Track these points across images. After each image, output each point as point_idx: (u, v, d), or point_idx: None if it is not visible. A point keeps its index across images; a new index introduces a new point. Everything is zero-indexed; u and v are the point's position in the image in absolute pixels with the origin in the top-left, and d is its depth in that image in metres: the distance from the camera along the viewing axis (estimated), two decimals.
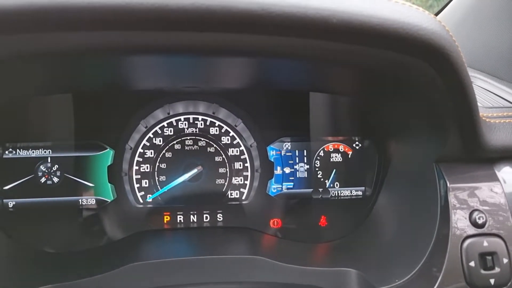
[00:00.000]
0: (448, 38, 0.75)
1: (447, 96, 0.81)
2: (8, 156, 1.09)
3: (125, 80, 1.02)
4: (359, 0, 0.69)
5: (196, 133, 1.16)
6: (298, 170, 1.19)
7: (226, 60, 0.86)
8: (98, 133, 1.12)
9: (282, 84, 1.12)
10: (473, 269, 0.83)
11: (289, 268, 0.94)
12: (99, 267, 0.91)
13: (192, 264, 0.95)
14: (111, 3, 0.58)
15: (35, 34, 0.64)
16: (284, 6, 0.64)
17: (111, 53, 0.71)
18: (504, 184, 0.92)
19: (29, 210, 1.09)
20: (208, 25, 0.62)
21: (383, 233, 1.06)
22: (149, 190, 1.15)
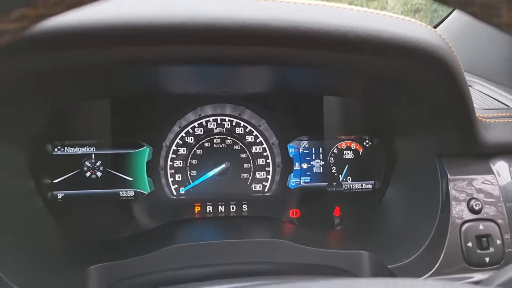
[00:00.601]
0: (448, 50, 0.86)
1: (447, 99, 0.91)
2: (57, 153, 1.19)
3: (162, 87, 1.14)
4: (373, 18, 0.82)
5: (223, 132, 1.26)
6: (315, 166, 1.28)
7: (253, 69, 0.97)
8: (138, 132, 1.22)
9: (300, 89, 1.23)
10: (471, 249, 0.92)
11: (308, 250, 1.02)
12: (141, 250, 1.01)
13: (222, 246, 1.03)
14: (176, 22, 0.70)
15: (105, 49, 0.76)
16: (309, 24, 0.76)
17: (165, 63, 0.84)
18: (498, 176, 1.00)
19: (76, 201, 1.19)
20: (252, 40, 0.74)
21: (391, 220, 1.14)
22: (182, 183, 1.25)
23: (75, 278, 0.93)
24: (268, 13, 0.75)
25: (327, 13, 0.78)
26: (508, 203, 0.97)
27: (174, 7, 0.72)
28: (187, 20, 0.71)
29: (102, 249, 1.11)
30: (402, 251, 1.00)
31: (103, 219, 1.21)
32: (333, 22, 0.76)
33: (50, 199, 1.17)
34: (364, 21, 0.80)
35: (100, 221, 1.21)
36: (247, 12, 0.74)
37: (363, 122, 1.31)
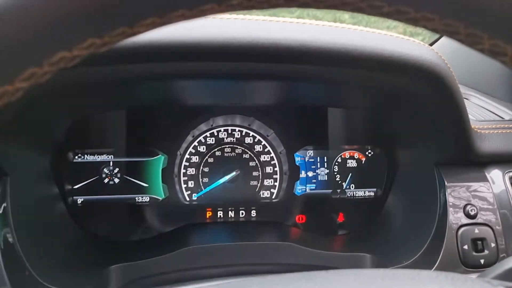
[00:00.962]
0: (444, 67, 0.93)
1: (444, 112, 0.97)
2: (77, 161, 1.26)
3: (178, 99, 1.21)
4: (375, 38, 0.89)
5: (233, 142, 1.32)
6: (320, 174, 1.34)
7: (263, 83, 1.04)
8: (154, 141, 1.29)
9: (306, 101, 1.31)
10: (467, 251, 0.97)
11: (314, 252, 1.08)
12: (156, 252, 1.07)
13: (233, 249, 1.09)
14: (199, 41, 0.78)
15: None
16: (318, 43, 0.84)
17: (185, 78, 0.92)
18: (493, 184, 1.05)
19: (95, 205, 1.26)
20: (265, 57, 0.82)
21: (392, 225, 1.20)
22: (195, 190, 1.31)
23: (97, 276, 1.00)
24: (281, 33, 0.82)
25: (334, 33, 0.86)
26: (501, 209, 1.03)
27: (197, 28, 0.80)
28: (210, 39, 0.79)
29: (121, 250, 1.18)
30: (402, 254, 1.05)
31: (120, 223, 1.28)
32: (339, 41, 0.84)
33: (70, 204, 1.24)
34: (367, 40, 0.87)
35: (117, 225, 1.27)
36: (261, 32, 0.82)
37: (366, 133, 1.37)
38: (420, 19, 0.36)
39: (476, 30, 0.36)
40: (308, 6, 0.37)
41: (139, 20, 0.35)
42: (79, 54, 0.36)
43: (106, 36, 0.35)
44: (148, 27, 0.36)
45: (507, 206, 1.03)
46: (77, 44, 0.35)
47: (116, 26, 0.35)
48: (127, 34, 0.36)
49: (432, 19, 0.36)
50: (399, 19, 0.37)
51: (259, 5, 0.37)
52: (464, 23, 0.36)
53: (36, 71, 0.36)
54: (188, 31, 0.79)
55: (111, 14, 0.34)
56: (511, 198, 1.04)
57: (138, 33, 0.37)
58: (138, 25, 0.36)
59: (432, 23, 0.37)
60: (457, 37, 0.38)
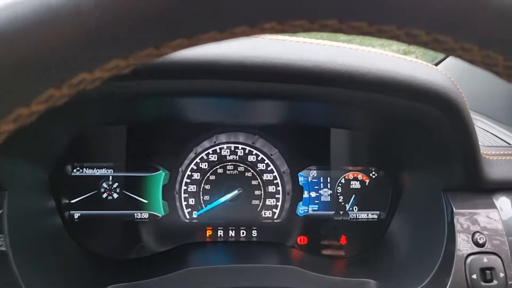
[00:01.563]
0: (456, 91, 0.92)
1: (454, 136, 0.95)
2: (75, 174, 1.23)
3: (183, 115, 1.19)
4: (390, 61, 0.88)
5: (236, 159, 1.30)
6: (322, 195, 1.32)
7: (269, 102, 1.02)
8: (155, 157, 1.26)
9: (310, 121, 1.28)
10: (475, 281, 0.94)
11: (316, 276, 1.06)
12: (155, 272, 1.05)
13: (233, 271, 1.07)
14: (208, 59, 0.77)
15: None
16: (333, 65, 0.82)
17: (192, 95, 0.90)
18: (501, 211, 1.03)
19: (92, 221, 1.22)
20: (279, 77, 0.80)
21: (397, 250, 1.18)
22: (195, 208, 1.28)
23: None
24: (295, 53, 0.81)
25: (348, 54, 0.85)
26: (510, 237, 1.00)
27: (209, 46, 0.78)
28: (222, 57, 0.77)
29: (119, 268, 1.14)
30: (408, 281, 1.03)
31: (117, 239, 1.25)
32: (354, 63, 0.82)
33: (67, 219, 1.20)
34: (381, 63, 0.86)
35: (115, 242, 1.24)
36: (274, 51, 0.80)
37: (370, 155, 1.35)
38: (457, 49, 0.35)
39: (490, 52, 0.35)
40: (341, 31, 0.35)
41: (167, 40, 0.33)
42: (101, 76, 0.34)
43: (132, 57, 0.33)
44: (175, 49, 0.34)
45: None
46: (101, 66, 0.33)
47: (143, 46, 0.33)
48: (153, 55, 0.34)
49: (470, 50, 0.34)
50: (435, 48, 0.36)
51: (291, 29, 0.35)
52: (503, 56, 0.34)
53: (54, 93, 0.33)
54: (200, 49, 0.77)
55: (139, 34, 0.32)
56: None
57: (165, 54, 0.35)
58: (165, 46, 0.33)
59: (469, 54, 0.35)
60: (495, 69, 0.36)
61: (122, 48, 0.32)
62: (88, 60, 0.32)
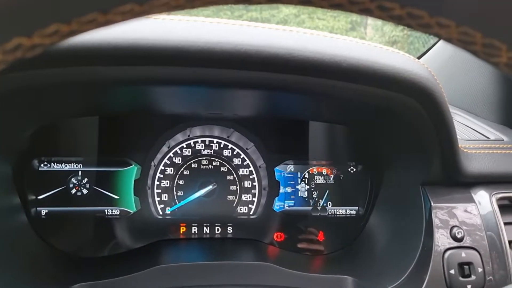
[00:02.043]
0: (434, 81, 0.90)
1: (432, 129, 0.94)
2: (43, 169, 1.17)
3: (153, 106, 1.14)
4: (365, 49, 0.85)
5: (211, 154, 1.26)
6: (299, 190, 1.28)
7: (244, 92, 0.98)
8: (127, 151, 1.22)
9: (287, 114, 1.25)
10: (453, 276, 0.93)
11: (293, 273, 1.03)
12: (125, 270, 1.01)
13: (207, 268, 1.04)
14: (176, 44, 0.73)
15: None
16: (305, 52, 0.79)
17: (160, 84, 0.85)
18: (479, 205, 1.02)
19: (60, 218, 1.17)
20: (248, 64, 0.77)
21: (375, 246, 1.16)
22: (168, 204, 1.24)
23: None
24: (267, 39, 0.77)
25: (322, 42, 0.82)
26: (488, 231, 0.99)
27: (175, 30, 0.74)
28: (187, 43, 0.73)
29: (87, 267, 1.10)
30: (386, 277, 1.01)
31: (87, 236, 1.20)
32: (327, 51, 0.79)
33: (33, 215, 1.15)
34: (357, 51, 0.83)
35: (84, 239, 1.19)
36: (245, 37, 0.77)
37: (348, 149, 1.33)
38: (433, 25, 0.32)
39: (494, 41, 0.32)
40: (309, 4, 0.32)
41: (115, 4, 0.29)
42: (41, 42, 0.30)
43: (74, 21, 0.29)
44: (126, 16, 0.30)
45: (494, 229, 1.00)
46: (39, 30, 0.29)
47: (86, 10, 0.29)
48: (99, 22, 0.30)
49: (447, 26, 0.31)
50: (410, 24, 0.32)
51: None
52: (482, 32, 0.32)
53: None
54: (165, 32, 0.74)
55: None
56: (498, 220, 1.01)
57: (113, 22, 0.31)
58: (114, 12, 0.30)
59: (446, 31, 0.32)
60: (472, 48, 0.33)
61: (63, 11, 0.28)
62: (24, 23, 0.28)
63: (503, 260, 0.97)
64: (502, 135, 1.24)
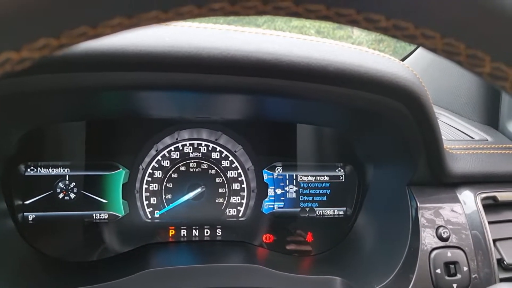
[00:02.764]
0: (419, 84, 0.91)
1: (417, 130, 0.95)
2: (29, 174, 1.17)
3: (141, 110, 1.14)
4: (351, 53, 0.86)
5: (199, 157, 1.26)
6: (288, 192, 1.29)
7: (232, 96, 0.99)
8: (114, 155, 1.21)
9: (276, 117, 1.25)
10: (439, 276, 0.94)
11: (282, 275, 1.04)
12: (114, 274, 1.00)
13: (196, 271, 1.04)
14: (164, 50, 0.73)
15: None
16: (292, 57, 0.80)
17: (149, 89, 0.85)
18: (464, 205, 1.04)
19: (48, 223, 1.16)
20: (236, 70, 0.77)
21: (363, 246, 1.17)
22: (157, 207, 1.24)
23: None
24: (253, 45, 0.78)
25: (308, 46, 0.82)
26: (473, 230, 1.01)
27: (162, 36, 0.74)
28: (174, 48, 0.73)
29: (76, 272, 1.09)
30: (373, 277, 1.02)
31: (75, 241, 1.19)
32: (314, 55, 0.80)
33: (20, 221, 1.15)
34: (343, 55, 0.84)
35: (73, 244, 1.18)
36: (232, 43, 0.77)
37: (336, 150, 1.34)
38: (419, 36, 0.33)
39: (478, 52, 0.33)
40: (297, 15, 0.33)
41: (104, 19, 0.29)
42: (30, 56, 0.30)
43: (64, 36, 0.29)
44: (115, 29, 0.31)
45: (478, 228, 1.02)
46: (27, 43, 0.29)
47: (75, 24, 0.29)
48: (89, 35, 0.30)
49: (432, 37, 0.32)
50: (395, 35, 0.33)
51: (243, 11, 0.32)
52: (465, 43, 0.32)
53: None
54: (153, 39, 0.74)
55: (70, 9, 0.28)
56: (482, 219, 1.03)
57: (103, 35, 0.31)
58: (103, 26, 0.30)
59: (431, 42, 0.33)
60: (456, 58, 0.34)
61: (52, 26, 0.28)
62: (12, 37, 0.28)
63: (487, 258, 0.99)
64: (486, 135, 1.26)
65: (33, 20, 0.28)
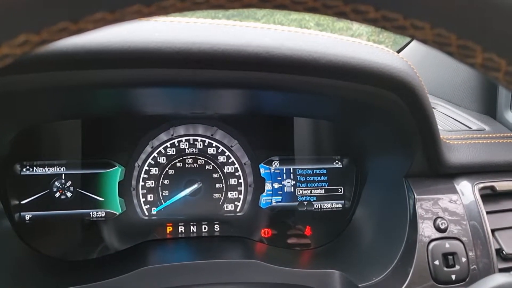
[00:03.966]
0: (413, 75, 0.91)
1: (413, 122, 0.94)
2: (25, 173, 1.16)
3: (135, 107, 1.13)
4: (343, 45, 0.85)
5: (195, 152, 1.25)
6: (286, 186, 1.29)
7: (226, 91, 0.98)
8: (110, 152, 1.21)
9: (271, 111, 1.25)
10: (438, 267, 0.94)
11: (280, 269, 1.03)
12: (112, 272, 1.00)
13: (194, 267, 1.03)
14: (155, 46, 0.72)
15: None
16: (284, 50, 0.79)
17: (141, 86, 0.85)
18: (462, 195, 1.03)
19: (45, 222, 1.16)
20: (227, 64, 0.76)
21: (361, 239, 1.17)
22: (154, 204, 1.23)
23: None
24: (244, 38, 0.77)
25: (300, 39, 0.81)
26: (471, 221, 1.00)
27: (151, 32, 0.73)
28: (164, 44, 0.73)
29: (74, 270, 1.09)
30: (372, 270, 1.02)
31: (73, 240, 1.19)
32: (305, 48, 0.79)
33: (17, 221, 1.14)
34: (335, 47, 0.83)
35: (70, 243, 1.18)
36: (223, 37, 0.76)
37: (333, 143, 1.33)
38: (408, 27, 0.32)
39: (469, 42, 0.32)
40: (284, 8, 0.32)
41: (86, 14, 0.29)
42: (11, 52, 0.29)
43: (44, 31, 0.29)
44: (98, 24, 0.30)
45: (477, 218, 1.01)
46: (7, 40, 0.28)
47: (56, 19, 0.28)
48: (71, 32, 0.30)
49: (422, 27, 0.31)
50: (385, 27, 0.32)
51: (229, 4, 0.31)
52: (456, 34, 0.32)
53: None
54: (143, 35, 0.73)
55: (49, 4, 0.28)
56: (480, 210, 1.02)
57: (85, 31, 0.30)
58: (84, 21, 0.29)
59: (421, 33, 0.32)
60: (447, 49, 0.34)
61: (31, 22, 0.28)
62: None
63: (486, 248, 0.98)
64: (484, 124, 1.25)
65: (12, 15, 0.27)
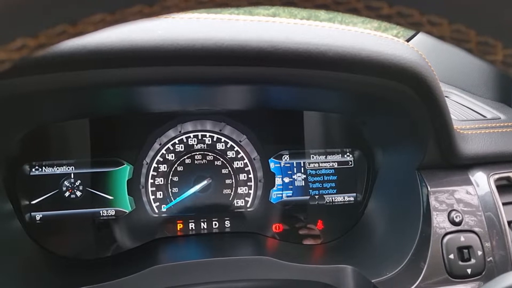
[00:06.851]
0: (425, 65, 0.88)
1: (425, 113, 0.92)
2: (34, 174, 1.16)
3: (142, 105, 1.13)
4: (351, 36, 0.83)
5: (204, 148, 1.24)
6: (296, 180, 1.27)
7: (233, 87, 0.97)
8: (118, 150, 1.20)
9: (280, 105, 1.23)
10: (453, 261, 0.93)
11: (292, 266, 1.02)
12: (123, 271, 0.99)
13: (206, 265, 1.03)
14: (161, 44, 0.71)
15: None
16: (289, 44, 0.77)
17: (148, 84, 0.83)
18: (477, 187, 1.01)
19: (55, 222, 1.16)
20: (232, 60, 0.75)
21: (374, 233, 1.15)
22: (164, 201, 1.22)
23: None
24: (249, 33, 0.75)
25: (306, 32, 0.79)
26: (487, 212, 0.98)
27: (154, 29, 0.72)
28: (167, 41, 0.71)
29: (85, 270, 1.09)
30: (385, 265, 1.00)
31: (83, 239, 1.19)
32: (311, 40, 0.77)
33: (28, 221, 1.14)
34: (343, 39, 0.81)
35: (81, 242, 1.18)
36: (227, 32, 0.74)
37: (344, 136, 1.31)
38: (424, 23, 0.30)
39: (489, 38, 0.30)
40: (293, 5, 0.30)
41: (84, 16, 0.27)
42: (8, 57, 0.28)
43: (42, 35, 0.28)
44: (98, 26, 0.29)
45: (492, 210, 0.99)
46: (4, 44, 0.27)
47: (54, 22, 0.27)
48: (70, 34, 0.28)
49: (439, 24, 0.29)
50: (399, 23, 0.31)
51: (235, 3, 0.30)
52: (475, 30, 0.30)
53: None
54: (144, 33, 0.72)
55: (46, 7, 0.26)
56: (496, 201, 1.00)
57: (85, 33, 0.29)
58: (84, 23, 0.28)
59: (438, 29, 0.30)
60: (466, 46, 0.32)
61: (28, 26, 0.27)
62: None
63: (502, 240, 0.97)
64: (499, 113, 1.21)
65: (8, 19, 0.26)
